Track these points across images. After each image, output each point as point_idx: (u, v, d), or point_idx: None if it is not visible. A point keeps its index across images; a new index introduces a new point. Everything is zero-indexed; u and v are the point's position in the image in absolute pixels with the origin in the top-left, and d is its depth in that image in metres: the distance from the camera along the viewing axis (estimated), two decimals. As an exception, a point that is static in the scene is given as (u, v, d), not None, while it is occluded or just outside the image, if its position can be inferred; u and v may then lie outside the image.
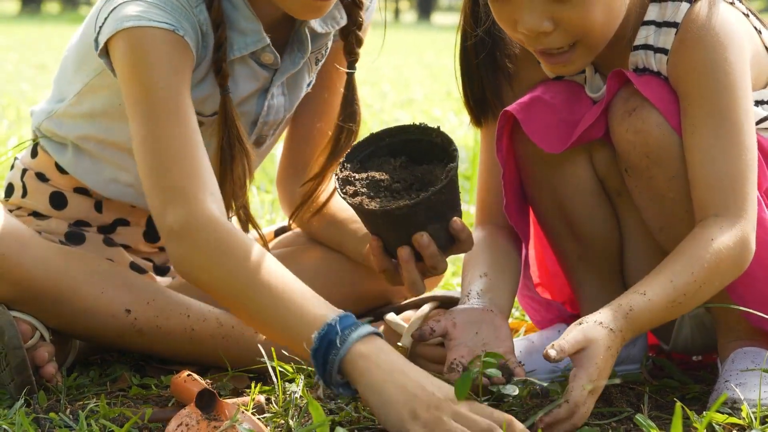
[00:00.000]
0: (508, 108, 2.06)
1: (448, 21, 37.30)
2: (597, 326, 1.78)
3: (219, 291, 1.89)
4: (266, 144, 2.32)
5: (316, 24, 2.18)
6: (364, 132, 2.16)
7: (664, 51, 1.95)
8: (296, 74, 2.23)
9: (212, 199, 1.90)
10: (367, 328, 1.77)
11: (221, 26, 2.05)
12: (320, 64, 2.28)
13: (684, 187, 1.95)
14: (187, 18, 2.02)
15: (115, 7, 2.00)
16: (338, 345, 1.74)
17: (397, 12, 44.38)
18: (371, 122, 7.05)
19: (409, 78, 11.37)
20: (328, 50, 2.27)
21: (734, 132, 1.90)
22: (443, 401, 1.68)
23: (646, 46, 1.97)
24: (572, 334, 1.77)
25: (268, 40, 2.11)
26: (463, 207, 4.00)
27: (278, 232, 2.48)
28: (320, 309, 1.80)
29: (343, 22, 2.20)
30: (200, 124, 2.02)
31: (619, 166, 2.04)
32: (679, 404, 1.56)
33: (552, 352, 1.73)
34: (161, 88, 1.94)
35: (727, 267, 1.88)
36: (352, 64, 2.24)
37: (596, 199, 2.12)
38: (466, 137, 5.73)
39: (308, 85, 2.29)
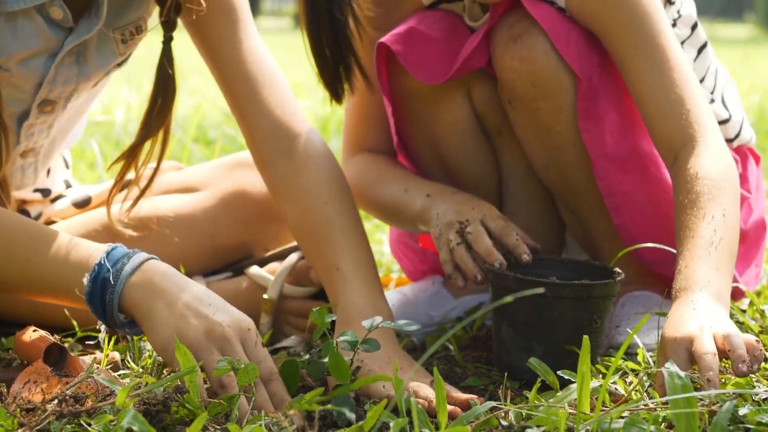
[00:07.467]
0: (383, 40, 1.91)
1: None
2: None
3: None
4: (57, 114, 2.05)
5: None
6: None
7: None
8: (96, 46, 1.96)
9: None
10: (140, 256, 1.61)
11: None
12: (130, 43, 2.00)
13: (571, 119, 1.85)
14: None
15: None
16: (112, 282, 1.58)
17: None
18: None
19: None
20: (143, 31, 1.98)
21: (668, 56, 1.80)
22: (214, 324, 1.55)
23: None
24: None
25: None
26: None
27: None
28: (88, 250, 1.63)
29: None
30: None
31: (501, 98, 1.92)
32: (586, 337, 1.46)
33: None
34: None
35: (728, 178, 1.73)
36: (168, 30, 1.94)
37: (473, 140, 2.00)
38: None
39: (119, 64, 2.03)
